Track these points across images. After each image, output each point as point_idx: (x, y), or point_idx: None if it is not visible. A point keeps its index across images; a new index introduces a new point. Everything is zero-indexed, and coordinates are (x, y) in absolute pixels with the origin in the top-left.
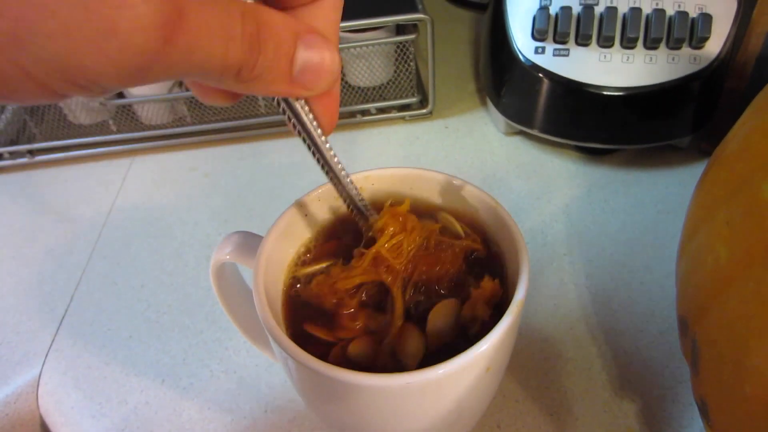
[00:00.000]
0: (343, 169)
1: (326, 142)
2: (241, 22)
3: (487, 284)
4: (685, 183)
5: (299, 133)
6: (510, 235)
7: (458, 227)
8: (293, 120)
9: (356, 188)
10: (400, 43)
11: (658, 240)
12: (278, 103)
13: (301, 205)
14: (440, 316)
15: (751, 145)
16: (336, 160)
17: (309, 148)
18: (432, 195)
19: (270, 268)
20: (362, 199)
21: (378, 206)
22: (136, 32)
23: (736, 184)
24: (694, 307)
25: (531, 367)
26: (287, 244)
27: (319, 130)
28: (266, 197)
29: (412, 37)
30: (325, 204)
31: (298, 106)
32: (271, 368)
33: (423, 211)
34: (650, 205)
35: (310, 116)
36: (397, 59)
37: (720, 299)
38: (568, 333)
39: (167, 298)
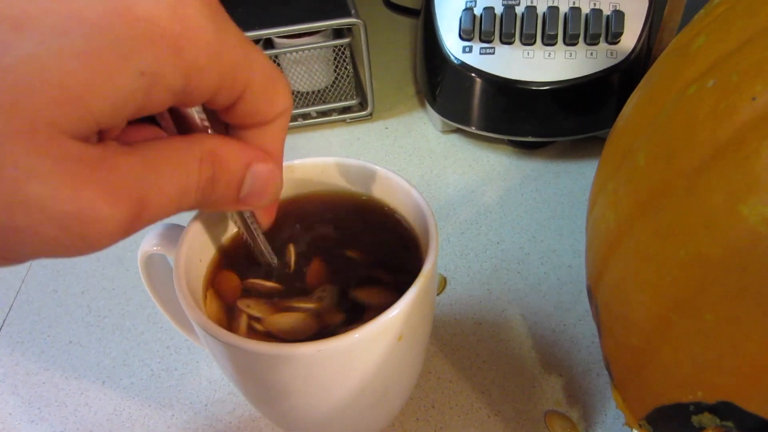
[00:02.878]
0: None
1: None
2: (197, 173)
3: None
4: None
5: (235, 222)
6: (420, 212)
7: None
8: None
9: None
10: (337, 47)
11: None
12: None
13: None
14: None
15: (631, 120)
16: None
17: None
18: (351, 183)
19: (190, 260)
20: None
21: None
22: (103, 238)
23: (621, 155)
24: (594, 274)
25: (465, 350)
26: (206, 238)
27: (255, 224)
28: None
29: (347, 41)
30: None
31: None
32: (212, 363)
33: (343, 200)
34: (579, 193)
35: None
36: (335, 63)
37: (611, 262)
38: (500, 315)
39: (108, 303)
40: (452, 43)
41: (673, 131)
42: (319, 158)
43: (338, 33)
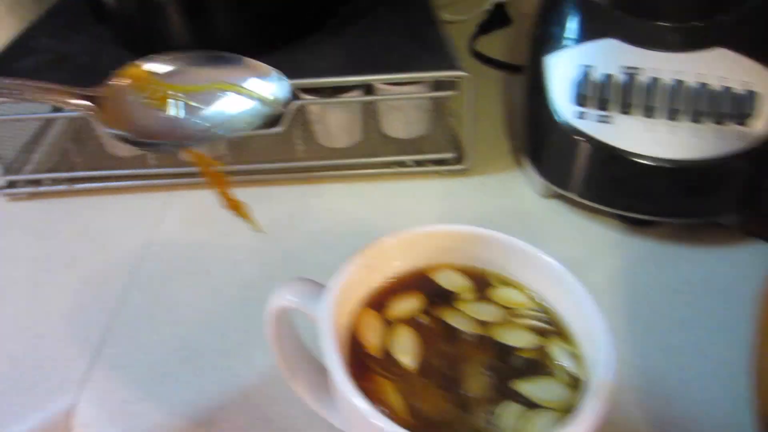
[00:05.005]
0: None
1: None
2: None
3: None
4: (735, 264)
5: None
6: (580, 305)
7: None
8: None
9: None
10: (438, 98)
11: (711, 323)
12: None
13: (364, 257)
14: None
15: None
16: None
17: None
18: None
19: (337, 321)
20: None
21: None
22: None
23: None
24: None
25: None
26: (350, 294)
27: None
28: (305, 242)
29: (452, 93)
30: (384, 260)
31: None
32: (312, 420)
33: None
34: (699, 283)
35: None
36: (433, 113)
37: None
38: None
39: (204, 337)
40: (565, 107)
41: None
42: (455, 226)
43: (438, 82)
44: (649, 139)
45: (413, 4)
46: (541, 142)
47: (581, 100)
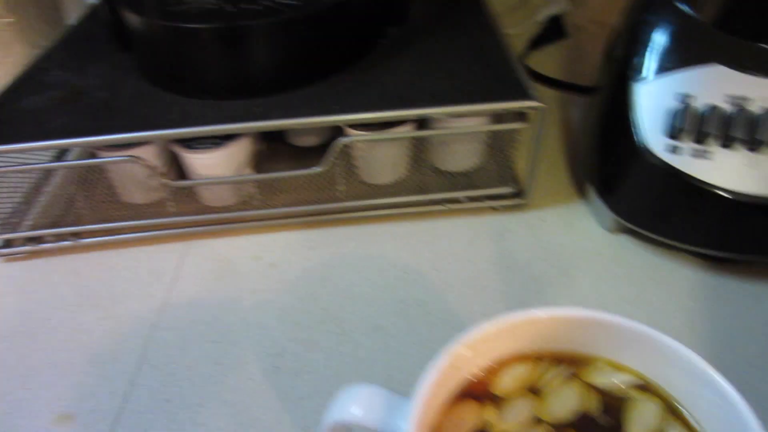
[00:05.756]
0: None
1: None
2: None
3: None
4: None
5: None
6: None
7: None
8: None
9: None
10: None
11: None
12: None
13: (452, 356)
14: None
15: None
16: None
17: None
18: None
19: None
20: None
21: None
22: None
23: None
24: None
25: None
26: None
27: None
28: (342, 295)
29: (522, 126)
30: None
31: None
32: None
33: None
34: None
35: None
36: (490, 146)
37: None
38: None
39: (230, 423)
40: (654, 139)
41: None
42: (572, 310)
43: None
44: (749, 175)
45: (474, 21)
46: (616, 175)
47: (675, 132)
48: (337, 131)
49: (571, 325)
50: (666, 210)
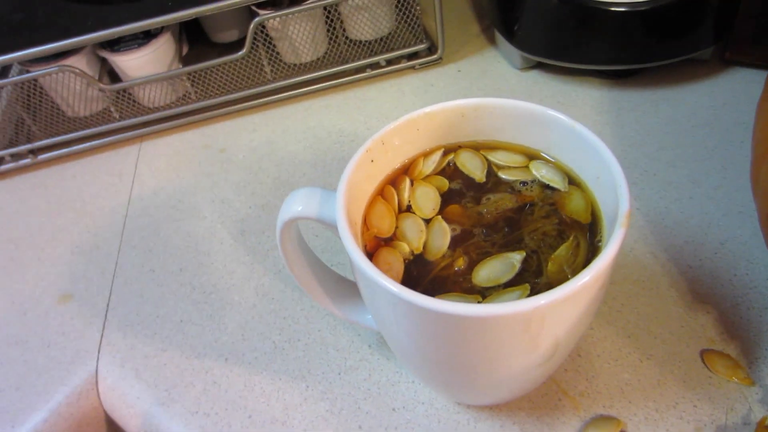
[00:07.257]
0: None
1: None
2: None
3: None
4: (714, 95)
5: None
6: (592, 150)
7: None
8: None
9: None
10: None
11: (698, 154)
12: None
13: (367, 151)
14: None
15: None
16: None
17: None
18: (496, 127)
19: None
20: None
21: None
22: None
23: None
24: None
25: None
26: (358, 193)
27: None
28: (289, 164)
29: None
30: (389, 149)
31: None
32: (334, 330)
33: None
34: (683, 121)
35: None
36: (398, 7)
37: None
38: (628, 256)
39: (210, 278)
40: None
41: None
42: (459, 101)
43: None
44: None
45: None
46: (514, 13)
47: None
48: (253, 19)
49: (467, 116)
50: (562, 35)
